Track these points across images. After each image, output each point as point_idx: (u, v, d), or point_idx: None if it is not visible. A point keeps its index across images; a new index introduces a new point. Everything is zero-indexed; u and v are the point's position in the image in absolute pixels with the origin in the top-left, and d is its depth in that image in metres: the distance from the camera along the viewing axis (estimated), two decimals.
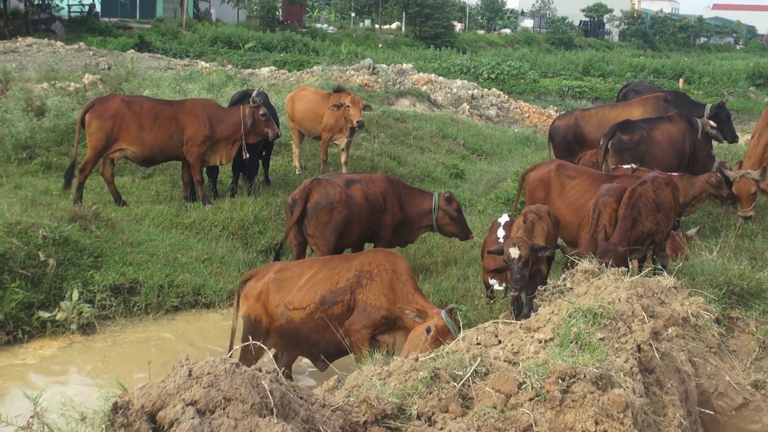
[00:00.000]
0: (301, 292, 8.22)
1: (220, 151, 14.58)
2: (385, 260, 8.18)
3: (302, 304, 8.17)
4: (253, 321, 8.47)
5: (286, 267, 8.72)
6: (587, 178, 10.92)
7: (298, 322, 8.18)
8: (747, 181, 13.17)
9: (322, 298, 8.12)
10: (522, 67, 47.37)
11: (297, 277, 8.38)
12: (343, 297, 8.07)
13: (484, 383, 5.26)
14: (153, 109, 14.19)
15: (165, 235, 12.85)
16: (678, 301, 7.56)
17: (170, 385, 4.25)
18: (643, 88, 19.80)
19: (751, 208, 13.25)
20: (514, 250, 8.15)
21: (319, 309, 8.10)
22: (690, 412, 6.51)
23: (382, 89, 29.98)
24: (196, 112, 14.36)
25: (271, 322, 8.35)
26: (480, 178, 19.42)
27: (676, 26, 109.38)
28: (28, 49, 34.28)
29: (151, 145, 14.08)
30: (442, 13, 71.41)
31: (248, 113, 14.49)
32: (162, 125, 14.11)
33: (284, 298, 8.26)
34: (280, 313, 8.26)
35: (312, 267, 8.46)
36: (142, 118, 14.02)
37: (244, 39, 50.84)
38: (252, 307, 8.46)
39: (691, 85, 47.51)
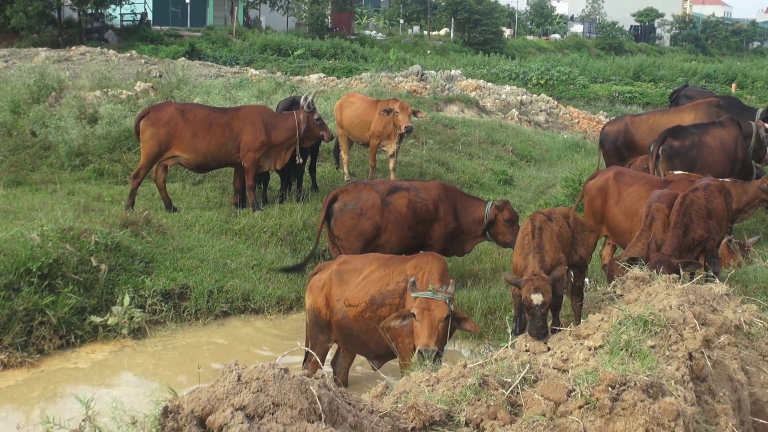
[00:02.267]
0: (356, 289, 8.21)
1: (275, 156, 14.67)
2: (426, 263, 8.16)
3: (355, 301, 8.16)
4: (316, 313, 8.52)
5: (349, 260, 8.74)
6: (644, 185, 10.80)
7: (351, 319, 8.18)
8: None
9: (372, 298, 8.08)
10: (571, 72, 47.10)
11: (357, 272, 8.38)
12: (392, 300, 8.02)
13: (533, 390, 5.23)
14: (207, 117, 14.33)
15: (215, 241, 12.95)
16: (730, 309, 7.46)
17: (219, 390, 4.28)
18: (695, 93, 19.57)
19: None
20: (537, 296, 7.59)
21: (369, 309, 8.07)
22: (743, 422, 6.41)
23: (431, 95, 29.96)
24: (252, 119, 14.46)
25: (332, 316, 8.37)
26: (529, 185, 19.33)
27: (728, 30, 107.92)
28: (81, 58, 34.80)
29: (204, 152, 14.21)
30: (491, 19, 71.29)
31: (303, 118, 14.61)
32: (216, 133, 14.23)
33: (344, 293, 8.27)
34: (339, 308, 8.28)
35: (372, 264, 8.44)
36: (196, 126, 14.15)
37: (294, 46, 51.16)
38: (316, 299, 8.51)
39: (743, 90, 46.91)
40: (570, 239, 8.95)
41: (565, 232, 8.81)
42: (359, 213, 10.92)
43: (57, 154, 16.54)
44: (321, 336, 8.57)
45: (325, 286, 8.45)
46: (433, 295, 7.36)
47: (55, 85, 20.18)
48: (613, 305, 7.13)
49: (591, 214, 11.03)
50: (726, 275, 8.71)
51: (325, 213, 11.06)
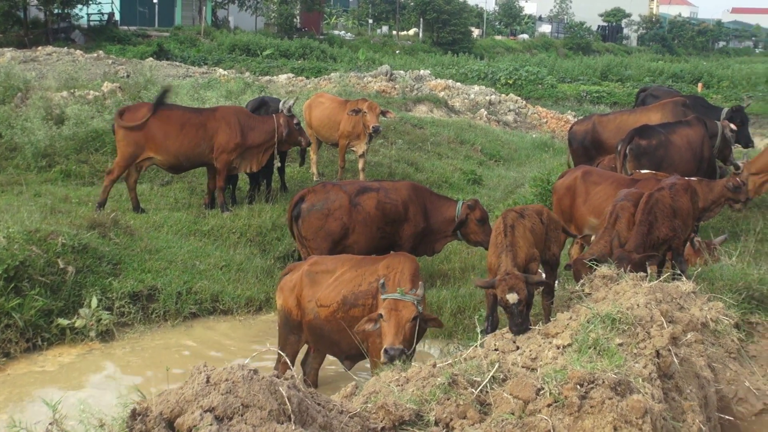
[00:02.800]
0: (328, 290, 8.21)
1: (251, 158, 14.59)
2: (397, 263, 8.18)
3: (327, 301, 8.15)
4: (287, 313, 8.52)
5: (321, 261, 8.74)
6: (612, 184, 10.88)
7: (323, 319, 8.18)
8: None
9: (344, 299, 8.08)
10: (540, 72, 47.31)
11: (329, 273, 8.38)
12: (364, 300, 8.02)
13: (502, 389, 5.25)
14: (180, 117, 14.23)
15: (183, 242, 12.88)
16: (697, 307, 7.53)
17: (188, 391, 4.26)
18: (661, 92, 19.74)
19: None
20: (512, 296, 7.57)
21: (341, 309, 8.07)
22: (709, 418, 6.47)
23: (400, 95, 29.99)
24: (228, 120, 14.35)
25: (303, 316, 8.37)
26: (498, 184, 19.41)
27: (694, 30, 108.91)
28: (47, 58, 34.49)
29: (175, 153, 14.11)
30: (460, 19, 71.42)
31: (283, 122, 14.55)
32: (188, 133, 14.12)
33: (315, 294, 8.27)
34: (310, 309, 8.27)
35: (344, 265, 8.45)
36: (168, 127, 14.04)
37: (262, 46, 50.99)
38: (286, 299, 8.50)
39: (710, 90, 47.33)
40: (543, 236, 8.99)
41: (538, 228, 8.83)
42: (326, 213, 10.91)
43: (23, 156, 16.37)
44: (292, 337, 8.57)
45: (296, 286, 8.44)
46: (402, 296, 7.38)
47: (21, 85, 19.99)
48: (581, 304, 7.17)
49: (559, 214, 11.09)
50: (692, 273, 8.79)
51: (293, 213, 11.05)
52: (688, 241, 10.51)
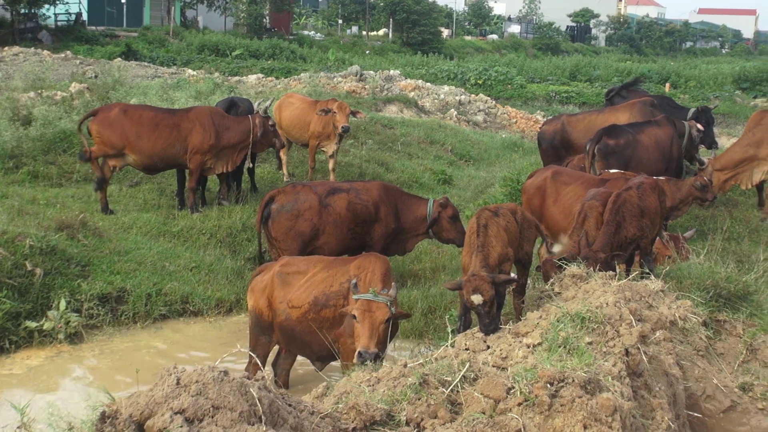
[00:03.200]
0: (300, 291, 8.22)
1: (226, 158, 14.55)
2: (369, 263, 8.19)
3: (298, 302, 8.17)
4: (258, 314, 8.52)
5: (292, 262, 8.75)
6: (582, 184, 10.92)
7: (294, 320, 8.19)
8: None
9: (315, 300, 8.10)
10: (509, 72, 47.42)
11: (301, 274, 8.40)
12: (335, 301, 8.03)
13: (473, 389, 5.27)
14: (154, 117, 14.16)
15: (153, 244, 12.82)
16: (665, 305, 7.59)
17: (158, 393, 4.24)
18: (630, 92, 19.87)
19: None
20: (476, 297, 7.51)
21: (312, 310, 8.08)
22: (678, 415, 6.52)
23: (370, 96, 29.99)
24: (202, 121, 14.28)
25: (275, 318, 8.36)
26: (468, 184, 19.45)
27: (662, 31, 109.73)
28: (14, 59, 34.17)
29: (149, 153, 14.04)
30: (429, 20, 71.50)
31: (259, 123, 14.50)
32: (162, 134, 14.06)
33: (287, 295, 8.27)
34: (281, 310, 8.28)
35: (316, 266, 8.46)
36: (140, 127, 13.98)
37: (232, 46, 50.75)
38: (257, 300, 8.50)
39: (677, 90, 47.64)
40: (518, 235, 9.01)
41: (512, 227, 8.84)
42: (296, 214, 10.89)
43: None
44: (263, 338, 8.56)
45: (267, 287, 8.44)
46: (375, 297, 7.39)
47: None
48: (551, 303, 7.21)
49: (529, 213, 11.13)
50: (661, 272, 8.85)
51: (263, 214, 11.02)
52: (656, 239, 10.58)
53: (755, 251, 11.52)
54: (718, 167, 14.29)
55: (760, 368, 7.68)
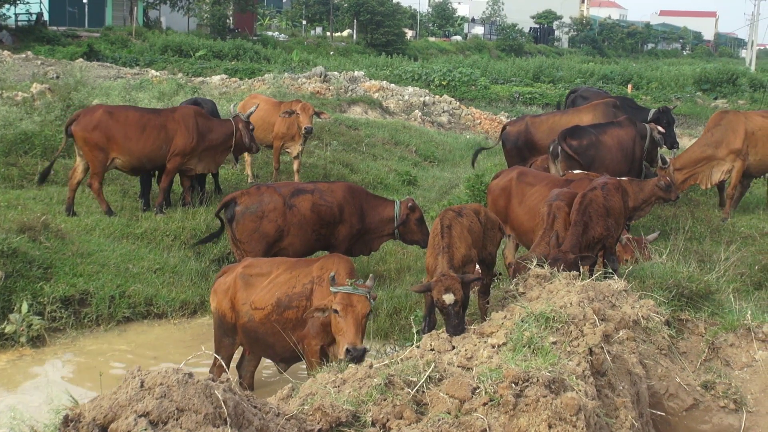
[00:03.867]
0: (263, 292, 8.21)
1: (208, 159, 14.59)
2: (333, 263, 8.19)
3: (261, 304, 8.15)
4: (221, 316, 8.48)
5: (255, 263, 8.71)
6: (547, 185, 10.96)
7: (257, 322, 8.18)
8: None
9: (278, 301, 8.09)
10: (473, 73, 47.62)
11: (264, 275, 8.37)
12: (298, 302, 8.03)
13: (438, 389, 5.28)
14: (140, 119, 14.13)
15: (116, 246, 12.72)
16: (628, 304, 7.64)
17: (122, 396, 4.21)
18: (590, 93, 20.05)
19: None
20: (449, 296, 7.42)
21: (275, 311, 8.07)
22: (641, 414, 6.58)
23: (334, 97, 29.99)
24: (188, 122, 14.28)
25: (238, 319, 8.34)
26: (432, 185, 19.50)
27: (624, 32, 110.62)
28: None
29: (139, 155, 14.02)
30: (393, 21, 71.57)
31: (242, 127, 14.53)
32: (151, 135, 14.04)
33: (250, 296, 8.25)
34: (245, 311, 8.26)
35: (278, 267, 8.44)
36: (128, 128, 13.93)
37: (195, 47, 50.50)
38: (220, 302, 8.47)
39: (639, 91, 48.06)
40: (482, 235, 9.01)
41: (476, 227, 8.84)
42: (260, 216, 10.85)
43: None
44: (226, 339, 8.54)
45: (230, 289, 8.41)
46: (354, 290, 7.37)
47: None
48: (515, 303, 7.24)
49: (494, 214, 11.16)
50: (624, 272, 8.92)
51: (227, 216, 10.96)
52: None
53: (716, 251, 11.62)
54: (678, 167, 14.46)
55: (722, 367, 7.76)
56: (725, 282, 9.29)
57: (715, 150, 14.92)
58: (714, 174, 14.99)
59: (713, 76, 50.64)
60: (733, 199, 15.39)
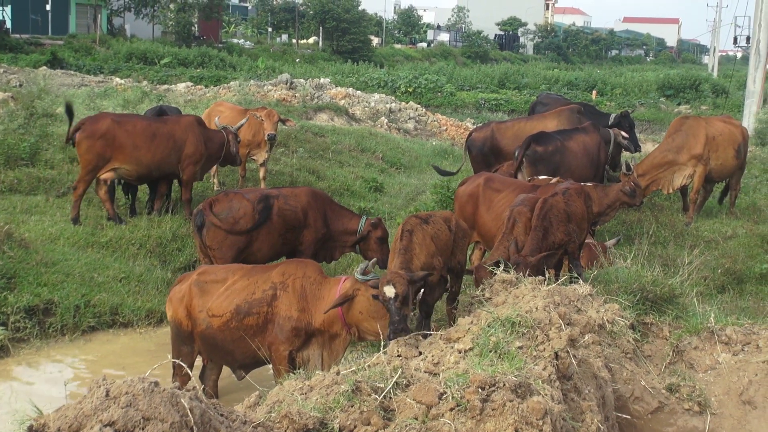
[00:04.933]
0: (220, 300, 8.16)
1: (204, 169, 14.84)
2: (296, 268, 8.20)
3: (219, 311, 8.12)
4: (177, 324, 8.44)
5: (210, 270, 8.64)
6: (514, 191, 11.00)
7: (216, 329, 8.14)
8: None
9: (237, 308, 8.06)
10: (439, 80, 47.81)
11: (220, 282, 8.32)
12: (259, 309, 8.02)
13: (406, 395, 5.29)
14: (148, 127, 14.14)
15: (81, 255, 12.63)
16: (594, 309, 7.69)
17: (87, 406, 4.18)
18: (550, 100, 20.19)
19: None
20: (389, 288, 7.41)
21: (234, 318, 8.05)
22: (607, 417, 6.62)
23: (300, 104, 29.96)
24: (194, 130, 14.42)
25: (195, 327, 8.29)
26: (399, 192, 19.52)
27: (588, 39, 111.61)
28: None
29: (148, 163, 14.06)
30: (359, 28, 71.73)
31: (232, 139, 14.74)
32: (161, 143, 14.08)
33: (206, 304, 8.21)
34: (202, 319, 8.21)
35: (235, 274, 8.39)
36: (136, 137, 13.93)
37: (160, 55, 50.28)
38: (176, 310, 8.42)
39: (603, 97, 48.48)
40: (450, 243, 9.01)
41: (443, 235, 8.83)
42: (232, 222, 10.83)
43: None
44: (184, 348, 8.49)
45: (185, 297, 8.36)
46: (364, 278, 7.79)
47: None
48: (481, 308, 7.27)
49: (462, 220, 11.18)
50: (589, 276, 8.99)
51: (197, 223, 10.92)
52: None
53: (680, 255, 11.72)
54: (640, 172, 14.59)
55: (686, 369, 7.84)
56: (689, 286, 9.38)
57: (676, 155, 15.08)
58: (676, 179, 15.16)
59: (676, 82, 51.21)
60: (696, 204, 15.55)
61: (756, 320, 8.33)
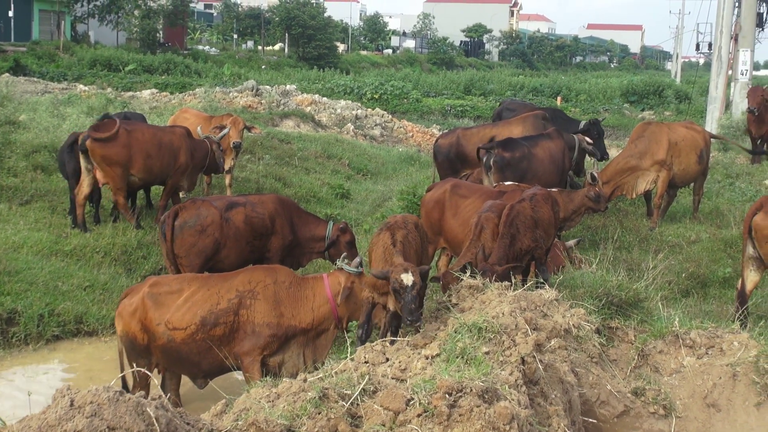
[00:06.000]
0: (180, 312, 8.01)
1: (190, 178, 14.79)
2: (265, 275, 8.16)
3: (182, 324, 7.97)
4: (131, 339, 8.19)
5: (162, 281, 8.43)
6: (480, 197, 11.02)
7: (179, 342, 8.00)
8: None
9: (203, 319, 7.95)
10: (405, 86, 47.88)
11: (175, 294, 8.14)
12: (225, 318, 7.95)
13: (373, 401, 5.29)
14: (154, 136, 14.14)
15: (44, 263, 12.50)
16: (560, 313, 7.74)
17: (51, 416, 4.14)
18: (516, 105, 20.29)
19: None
20: (407, 275, 7.32)
21: (200, 330, 7.94)
22: (574, 422, 6.66)
23: (266, 111, 29.88)
24: (186, 139, 14.47)
25: (152, 341, 8.10)
26: (366, 198, 19.53)
27: (552, 46, 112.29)
28: None
29: (157, 172, 14.13)
30: (325, 34, 71.66)
31: (215, 148, 14.86)
32: (166, 152, 14.13)
33: (164, 316, 8.02)
34: (161, 332, 8.02)
35: (191, 284, 8.22)
36: (147, 146, 13.92)
37: (124, 61, 49.92)
38: (128, 324, 8.17)
39: (568, 103, 48.74)
40: (419, 248, 9.04)
41: (414, 239, 8.86)
42: (200, 230, 10.78)
43: None
44: (141, 361, 8.25)
45: (138, 310, 8.13)
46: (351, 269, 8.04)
47: None
48: (448, 314, 7.28)
49: (429, 227, 11.18)
50: (555, 281, 9.03)
51: (162, 230, 10.86)
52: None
53: (645, 259, 11.84)
54: (604, 180, 14.70)
55: (651, 373, 7.91)
56: (654, 290, 9.47)
57: (639, 161, 15.21)
58: (639, 184, 15.28)
59: (640, 88, 51.60)
60: (660, 209, 15.68)
61: (720, 324, 8.42)
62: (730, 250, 13.79)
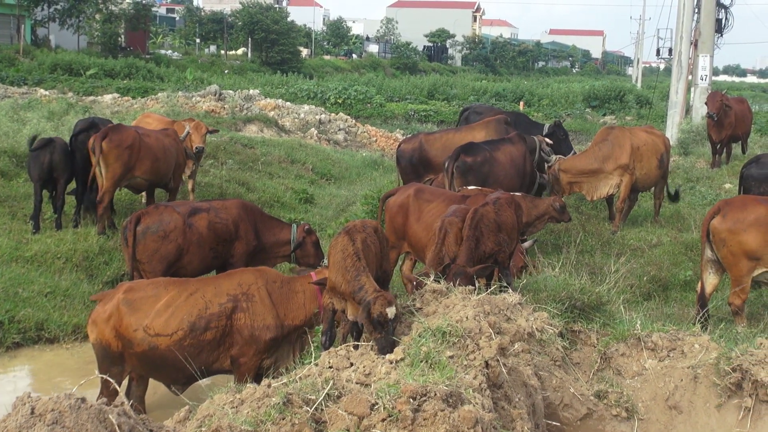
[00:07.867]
0: (162, 318, 7.90)
1: (176, 177, 15.04)
2: (257, 277, 8.14)
3: (167, 330, 7.87)
4: (105, 346, 8.09)
5: (136, 287, 8.32)
6: (444, 201, 11.06)
7: (164, 349, 7.88)
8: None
9: (193, 325, 7.87)
10: (368, 91, 47.87)
11: (152, 299, 8.04)
12: (217, 323, 7.89)
13: (337, 406, 5.29)
14: (158, 140, 14.33)
15: (4, 269, 12.37)
16: (523, 317, 7.77)
17: (11, 424, 4.10)
18: (483, 109, 20.40)
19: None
20: (391, 309, 6.80)
21: (190, 336, 7.85)
22: (537, 425, 6.69)
23: (229, 115, 29.78)
24: (179, 141, 14.85)
25: (128, 347, 7.98)
26: (329, 203, 19.53)
27: (515, 51, 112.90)
28: None
29: (163, 174, 14.37)
30: (288, 39, 71.50)
31: (192, 147, 15.52)
32: (170, 155, 14.41)
33: (142, 322, 7.92)
34: (140, 339, 7.91)
35: (168, 289, 8.12)
36: (155, 149, 14.11)
37: (86, 66, 49.47)
38: (102, 331, 8.06)
39: (531, 108, 48.98)
40: (379, 253, 8.98)
41: (374, 244, 8.80)
42: (162, 236, 10.72)
43: None
44: (114, 368, 8.15)
45: (113, 317, 8.04)
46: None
47: None
48: (412, 318, 7.29)
49: (392, 231, 11.21)
50: (518, 285, 9.07)
51: (124, 236, 10.79)
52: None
53: (607, 263, 11.91)
54: (564, 168, 14.83)
55: (614, 376, 7.96)
56: (616, 293, 9.54)
57: (602, 164, 15.34)
58: (602, 187, 15.41)
59: (601, 93, 52.01)
60: (622, 213, 15.82)
61: (681, 326, 8.48)
62: (690, 253, 13.92)
